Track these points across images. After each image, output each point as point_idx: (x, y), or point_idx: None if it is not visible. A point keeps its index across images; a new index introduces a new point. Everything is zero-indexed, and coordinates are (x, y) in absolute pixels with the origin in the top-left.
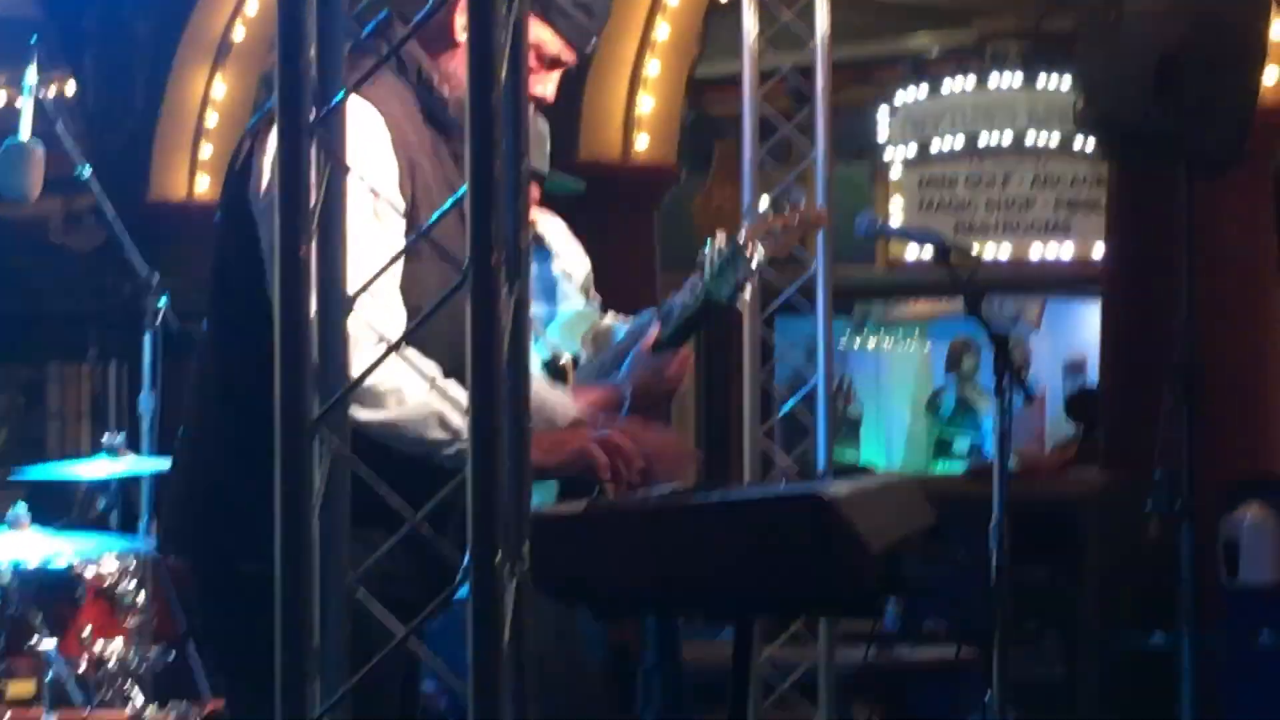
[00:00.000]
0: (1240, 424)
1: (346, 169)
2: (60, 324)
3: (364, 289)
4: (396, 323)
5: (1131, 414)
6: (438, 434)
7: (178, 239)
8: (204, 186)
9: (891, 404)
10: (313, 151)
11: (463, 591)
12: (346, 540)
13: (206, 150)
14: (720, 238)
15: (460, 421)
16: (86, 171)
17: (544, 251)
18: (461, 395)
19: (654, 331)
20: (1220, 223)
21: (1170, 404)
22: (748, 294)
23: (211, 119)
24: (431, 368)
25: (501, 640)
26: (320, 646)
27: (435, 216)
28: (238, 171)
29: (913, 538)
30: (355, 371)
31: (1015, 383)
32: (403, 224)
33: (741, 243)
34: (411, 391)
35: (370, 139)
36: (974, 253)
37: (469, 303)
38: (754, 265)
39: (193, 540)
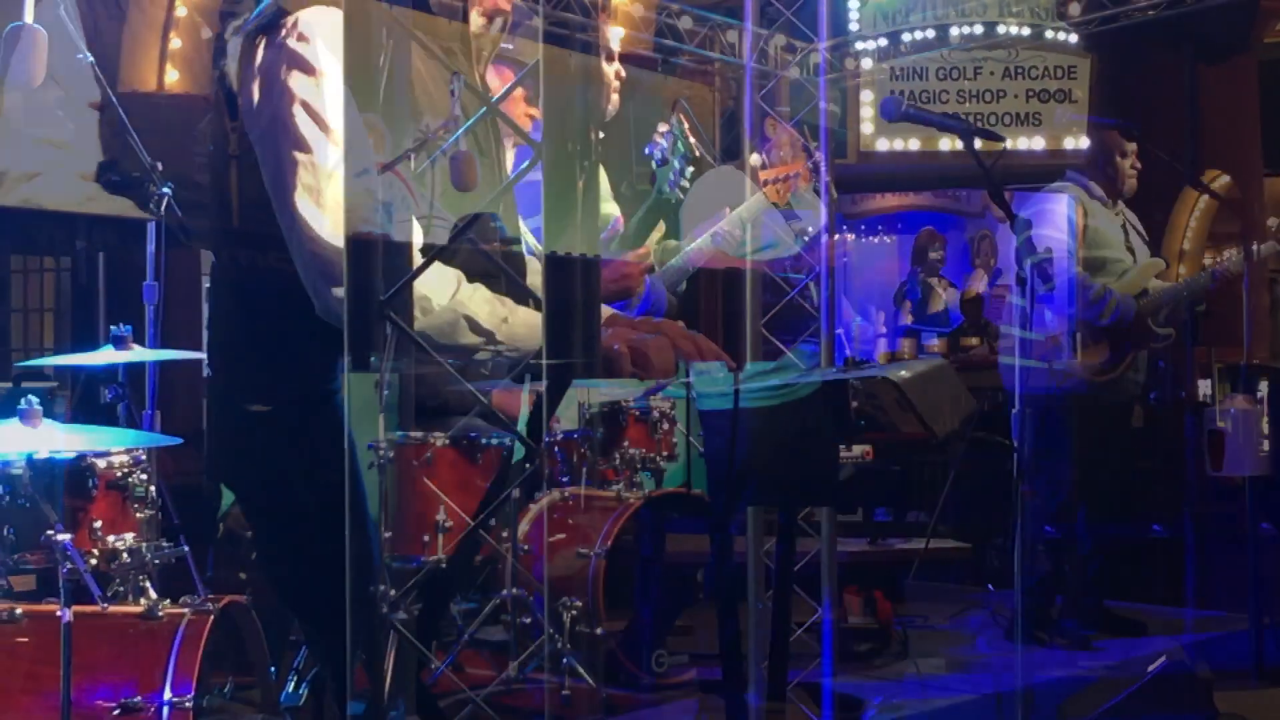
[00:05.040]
0: (1224, 316)
1: None
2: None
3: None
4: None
5: None
6: (469, 338)
7: (148, 130)
8: (173, 78)
9: (858, 296)
10: None
11: None
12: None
13: (176, 43)
14: (660, 129)
15: (490, 324)
16: (89, 58)
17: None
18: (483, 299)
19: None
20: (1207, 115)
21: None
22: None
23: (181, 10)
24: (452, 275)
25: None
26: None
27: (461, 129)
28: (235, 89)
29: (965, 425)
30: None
31: (1036, 270)
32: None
33: (679, 133)
34: (436, 300)
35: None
36: (1001, 142)
37: None
38: (689, 155)
39: (249, 479)
